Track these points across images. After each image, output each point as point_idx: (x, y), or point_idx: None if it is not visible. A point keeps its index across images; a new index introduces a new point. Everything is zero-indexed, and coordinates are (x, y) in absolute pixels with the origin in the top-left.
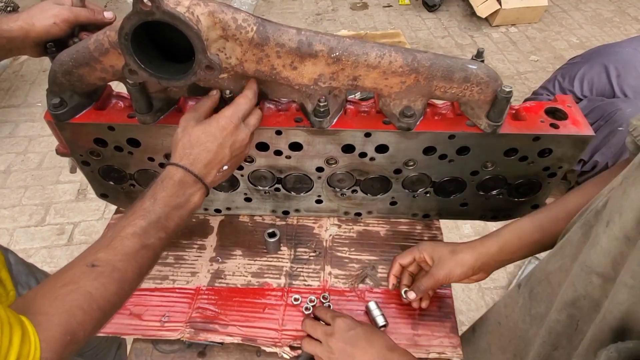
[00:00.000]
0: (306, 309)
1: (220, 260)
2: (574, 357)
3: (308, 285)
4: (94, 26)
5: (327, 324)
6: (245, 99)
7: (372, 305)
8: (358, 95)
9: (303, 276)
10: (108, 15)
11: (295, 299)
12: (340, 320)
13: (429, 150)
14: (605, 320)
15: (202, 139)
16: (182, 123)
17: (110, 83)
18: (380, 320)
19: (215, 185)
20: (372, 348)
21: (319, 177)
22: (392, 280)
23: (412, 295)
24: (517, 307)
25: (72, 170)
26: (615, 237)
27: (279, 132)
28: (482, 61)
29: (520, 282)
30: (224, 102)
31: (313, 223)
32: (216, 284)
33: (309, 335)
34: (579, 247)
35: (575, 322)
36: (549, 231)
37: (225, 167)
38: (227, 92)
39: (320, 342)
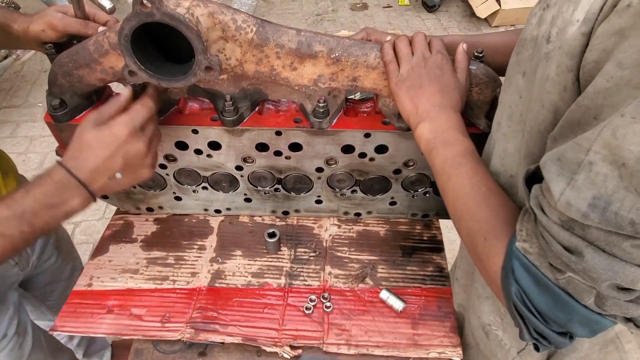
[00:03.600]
0: (307, 308)
1: (220, 261)
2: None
3: (308, 285)
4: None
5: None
6: (143, 106)
7: (385, 294)
8: (357, 96)
9: (303, 276)
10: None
11: (312, 300)
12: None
13: None
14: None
15: (93, 144)
16: (83, 123)
17: (110, 84)
18: (399, 305)
19: (108, 192)
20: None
21: (319, 178)
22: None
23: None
24: None
25: None
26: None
27: (278, 133)
28: (482, 62)
29: None
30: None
31: (313, 223)
32: (216, 284)
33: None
34: None
35: None
36: None
37: (119, 176)
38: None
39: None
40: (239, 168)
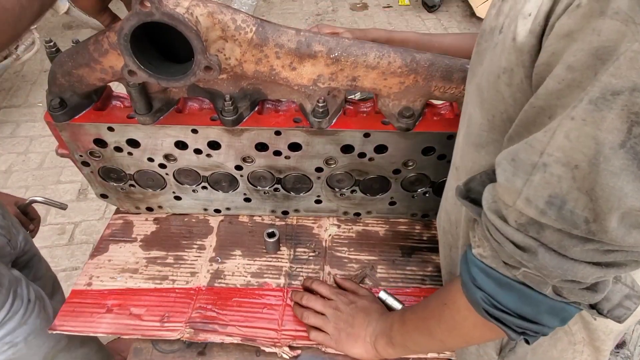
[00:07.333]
0: None
1: (219, 261)
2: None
3: None
4: None
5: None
6: None
7: (383, 295)
8: (357, 96)
9: (302, 276)
10: None
11: None
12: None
13: (427, 151)
14: None
15: None
16: None
17: (110, 84)
18: (397, 305)
19: None
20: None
21: (318, 178)
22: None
23: None
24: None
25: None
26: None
27: (278, 133)
28: None
29: None
30: None
31: (312, 223)
32: (216, 284)
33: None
34: None
35: None
36: None
37: None
38: None
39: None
40: (238, 168)
